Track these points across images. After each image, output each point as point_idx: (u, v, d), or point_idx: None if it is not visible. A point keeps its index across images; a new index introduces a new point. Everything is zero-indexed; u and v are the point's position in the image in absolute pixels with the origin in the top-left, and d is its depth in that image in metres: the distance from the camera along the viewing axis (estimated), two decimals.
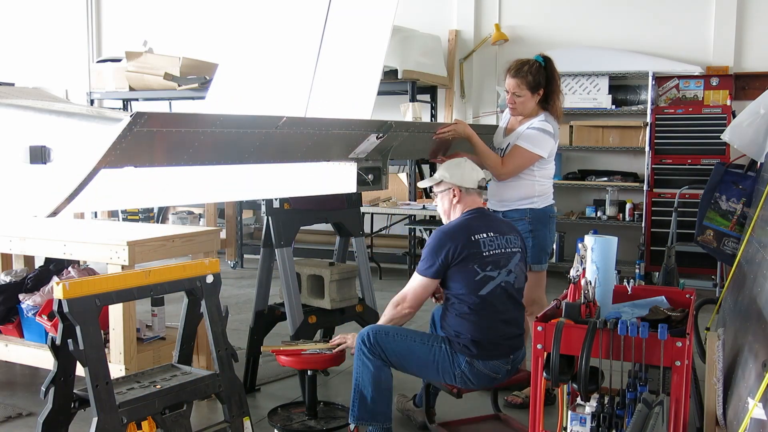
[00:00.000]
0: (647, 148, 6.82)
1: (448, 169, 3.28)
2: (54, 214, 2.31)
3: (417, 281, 3.15)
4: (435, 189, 3.33)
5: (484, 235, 3.12)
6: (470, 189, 3.23)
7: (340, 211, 4.10)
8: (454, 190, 3.23)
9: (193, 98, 7.89)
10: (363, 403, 3.10)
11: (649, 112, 6.83)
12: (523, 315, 3.27)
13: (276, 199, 3.70)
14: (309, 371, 3.48)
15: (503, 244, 3.16)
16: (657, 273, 6.16)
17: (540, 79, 3.75)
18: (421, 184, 3.62)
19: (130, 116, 2.14)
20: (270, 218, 3.76)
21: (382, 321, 3.22)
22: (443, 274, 3.10)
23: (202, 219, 8.29)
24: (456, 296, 3.10)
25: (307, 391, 3.53)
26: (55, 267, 4.01)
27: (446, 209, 3.28)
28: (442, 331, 3.19)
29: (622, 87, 7.32)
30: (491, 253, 3.10)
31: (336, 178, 3.54)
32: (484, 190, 3.34)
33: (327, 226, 4.36)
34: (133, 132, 2.19)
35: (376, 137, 3.35)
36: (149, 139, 2.29)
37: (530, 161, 3.75)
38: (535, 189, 3.82)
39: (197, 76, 7.54)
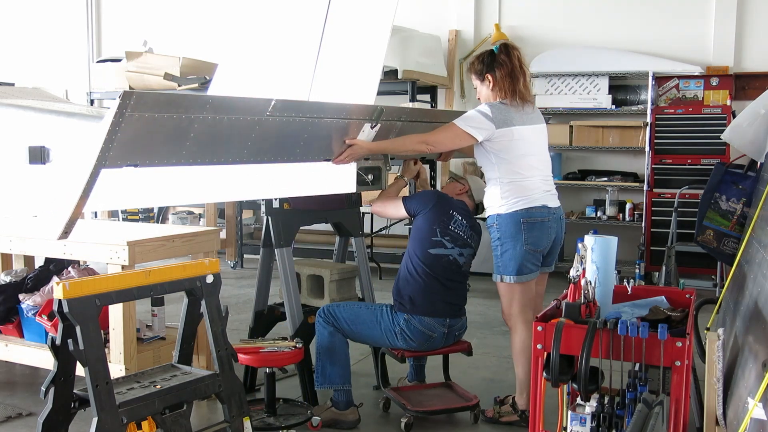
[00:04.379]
0: (647, 148, 6.82)
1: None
2: (65, 234, 2.32)
3: (396, 204, 3.75)
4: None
5: (459, 216, 3.64)
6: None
7: (340, 211, 4.10)
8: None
9: None
10: (324, 369, 3.54)
11: (649, 112, 6.83)
12: (466, 292, 3.71)
13: (276, 199, 3.71)
14: (267, 369, 3.49)
15: (467, 232, 3.66)
16: (657, 273, 6.17)
17: (481, 67, 3.53)
18: None
19: (119, 97, 2.15)
20: (270, 218, 3.76)
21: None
22: (412, 214, 3.69)
23: (202, 219, 8.29)
24: (412, 250, 3.65)
25: (266, 388, 3.53)
26: (55, 267, 4.01)
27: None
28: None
29: (622, 87, 7.32)
30: (455, 230, 3.61)
31: (336, 178, 3.54)
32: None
33: (327, 226, 4.36)
34: (125, 117, 2.19)
35: (371, 127, 3.34)
36: (142, 126, 2.29)
37: (456, 135, 3.43)
38: (499, 191, 3.49)
39: (197, 76, 7.53)
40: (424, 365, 4.01)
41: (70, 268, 3.88)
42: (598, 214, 7.20)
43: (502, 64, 3.50)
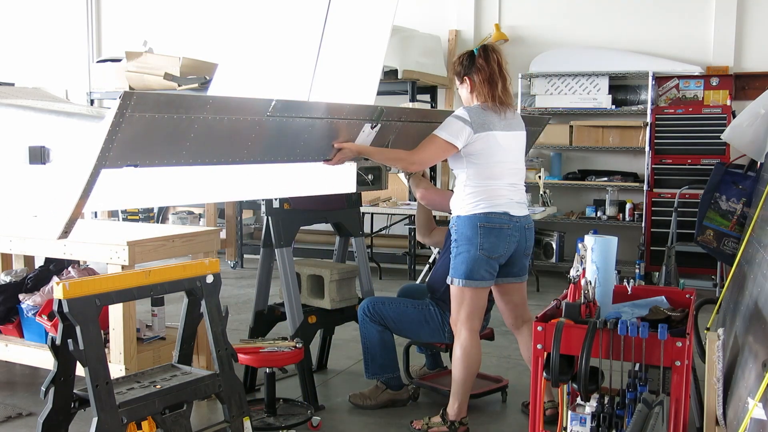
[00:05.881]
0: (647, 148, 6.82)
1: None
2: (65, 234, 2.32)
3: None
4: None
5: None
6: None
7: (340, 211, 4.10)
8: None
9: None
10: (374, 361, 3.78)
11: (649, 112, 6.83)
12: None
13: (276, 199, 3.70)
14: (267, 369, 3.49)
15: None
16: (657, 273, 6.17)
17: (460, 68, 3.46)
18: None
19: (119, 97, 2.14)
20: (270, 218, 3.76)
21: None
22: None
23: (202, 219, 8.29)
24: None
25: (266, 388, 3.53)
26: (55, 267, 4.01)
27: None
28: (427, 293, 3.86)
29: (622, 87, 7.31)
30: None
31: (336, 178, 3.54)
32: None
33: (327, 226, 4.36)
34: (125, 117, 2.19)
35: (371, 127, 3.33)
36: (142, 126, 2.29)
37: (441, 147, 3.33)
38: (464, 193, 3.39)
39: (197, 76, 7.53)
40: (439, 353, 4.16)
41: (70, 268, 3.88)
42: (598, 214, 7.20)
43: (480, 69, 3.39)
